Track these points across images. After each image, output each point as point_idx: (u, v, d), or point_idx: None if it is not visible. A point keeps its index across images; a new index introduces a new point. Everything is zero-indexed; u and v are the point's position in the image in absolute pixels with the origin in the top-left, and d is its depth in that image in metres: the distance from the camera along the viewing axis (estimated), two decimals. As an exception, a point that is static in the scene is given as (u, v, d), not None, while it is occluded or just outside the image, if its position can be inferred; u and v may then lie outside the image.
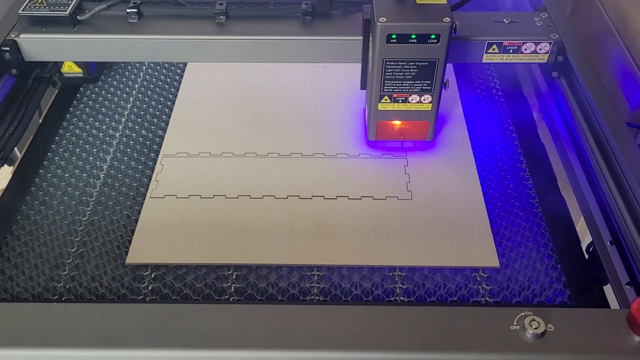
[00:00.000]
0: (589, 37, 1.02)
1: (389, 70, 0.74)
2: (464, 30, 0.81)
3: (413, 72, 0.74)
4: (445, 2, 0.72)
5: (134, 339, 0.52)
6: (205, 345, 0.52)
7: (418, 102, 0.77)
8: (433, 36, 0.71)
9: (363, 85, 0.80)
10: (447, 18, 0.70)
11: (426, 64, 0.73)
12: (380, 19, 0.70)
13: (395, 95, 0.77)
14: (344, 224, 0.75)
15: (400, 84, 0.76)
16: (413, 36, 0.71)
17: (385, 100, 0.77)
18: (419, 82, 0.75)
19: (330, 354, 0.52)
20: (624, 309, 0.54)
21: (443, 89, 0.77)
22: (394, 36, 0.71)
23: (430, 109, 0.79)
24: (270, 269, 0.70)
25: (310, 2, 0.83)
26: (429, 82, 0.75)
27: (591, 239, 0.70)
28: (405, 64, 0.74)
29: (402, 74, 0.74)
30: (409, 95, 0.77)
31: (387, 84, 0.76)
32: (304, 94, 0.95)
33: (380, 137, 0.83)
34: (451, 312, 0.54)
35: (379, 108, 0.79)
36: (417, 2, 0.73)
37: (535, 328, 0.51)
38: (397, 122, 0.81)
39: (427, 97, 0.77)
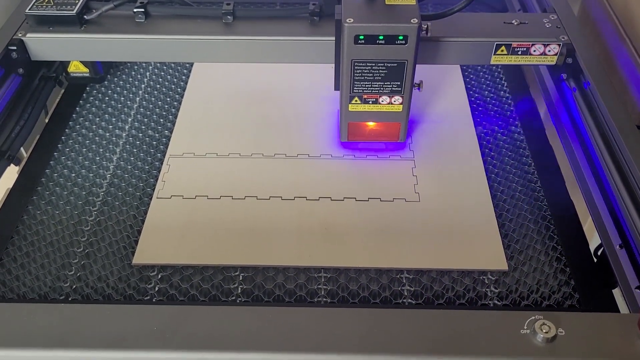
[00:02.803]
0: (597, 38, 1.02)
1: (358, 71, 0.74)
2: (472, 31, 0.81)
3: (382, 73, 0.74)
4: (415, 3, 0.72)
5: (142, 340, 0.52)
6: (213, 348, 0.52)
7: (389, 104, 0.77)
8: (401, 37, 0.70)
9: (337, 86, 0.80)
10: (415, 19, 0.70)
11: (395, 65, 0.73)
12: (347, 20, 0.70)
13: (365, 96, 0.76)
14: (351, 225, 0.74)
15: (369, 85, 0.75)
16: (381, 37, 0.70)
17: (356, 101, 0.77)
18: (388, 83, 0.75)
19: (338, 356, 0.52)
20: (635, 314, 0.54)
21: (417, 90, 0.77)
22: (361, 37, 0.70)
23: (401, 110, 0.78)
24: (277, 271, 0.70)
25: (318, 2, 0.83)
26: (399, 83, 0.75)
27: (600, 242, 0.70)
28: (374, 65, 0.73)
29: (371, 74, 0.74)
30: (379, 97, 0.76)
31: (356, 85, 0.75)
32: (311, 94, 0.95)
33: (352, 138, 0.83)
34: (461, 316, 0.54)
35: (349, 109, 0.78)
36: (386, 3, 0.72)
37: (546, 332, 0.50)
38: (369, 124, 0.81)
39: (398, 99, 0.77)
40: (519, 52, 0.80)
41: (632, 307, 0.62)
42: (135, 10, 0.83)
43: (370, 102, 0.77)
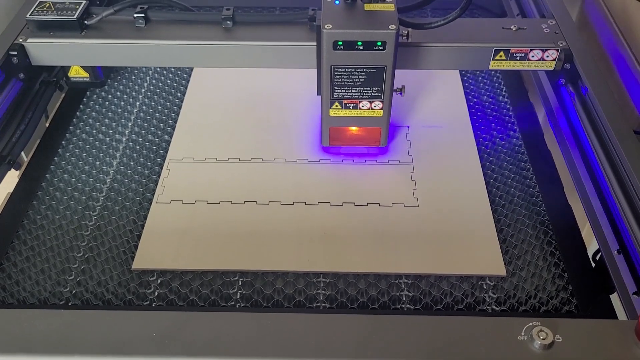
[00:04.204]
0: (596, 44, 1.02)
1: (338, 76, 0.74)
2: (471, 36, 0.81)
3: (362, 78, 0.74)
4: (394, 9, 0.72)
5: (141, 346, 0.52)
6: (212, 353, 0.52)
7: (369, 109, 0.77)
8: (379, 43, 0.70)
9: (319, 91, 0.81)
10: (393, 25, 0.70)
11: (374, 70, 0.73)
12: (326, 26, 0.70)
13: (345, 102, 0.77)
14: (350, 230, 0.75)
15: (349, 91, 0.76)
16: (359, 43, 0.71)
17: (336, 106, 0.77)
18: (368, 88, 0.75)
19: (336, 362, 0.52)
20: (633, 320, 0.54)
21: (399, 95, 0.78)
22: (340, 43, 0.71)
23: (381, 115, 0.79)
24: (276, 276, 0.70)
25: (317, 8, 0.83)
26: (379, 88, 0.75)
27: (597, 248, 0.70)
28: (353, 70, 0.74)
29: (351, 80, 0.74)
30: (360, 102, 0.77)
31: (336, 90, 0.76)
32: (310, 99, 0.95)
33: (333, 142, 0.83)
34: (459, 322, 0.54)
35: (330, 114, 0.79)
36: (366, 9, 0.73)
37: (543, 339, 0.50)
38: (351, 128, 0.81)
39: (378, 104, 0.77)
40: (518, 58, 0.81)
41: (629, 313, 0.62)
42: (135, 15, 0.83)
43: (351, 107, 0.78)
